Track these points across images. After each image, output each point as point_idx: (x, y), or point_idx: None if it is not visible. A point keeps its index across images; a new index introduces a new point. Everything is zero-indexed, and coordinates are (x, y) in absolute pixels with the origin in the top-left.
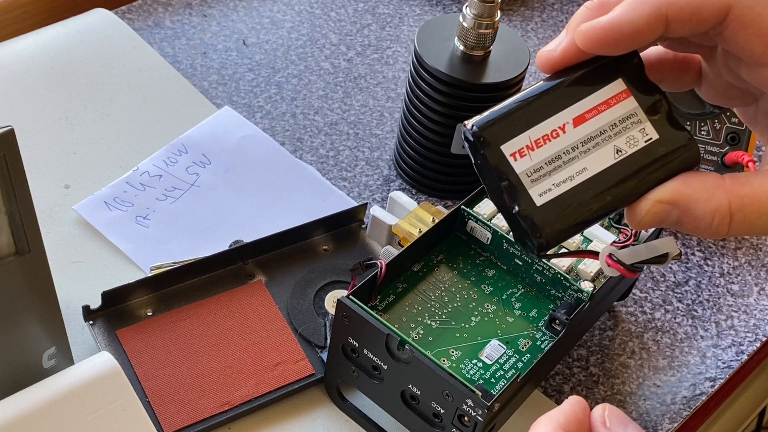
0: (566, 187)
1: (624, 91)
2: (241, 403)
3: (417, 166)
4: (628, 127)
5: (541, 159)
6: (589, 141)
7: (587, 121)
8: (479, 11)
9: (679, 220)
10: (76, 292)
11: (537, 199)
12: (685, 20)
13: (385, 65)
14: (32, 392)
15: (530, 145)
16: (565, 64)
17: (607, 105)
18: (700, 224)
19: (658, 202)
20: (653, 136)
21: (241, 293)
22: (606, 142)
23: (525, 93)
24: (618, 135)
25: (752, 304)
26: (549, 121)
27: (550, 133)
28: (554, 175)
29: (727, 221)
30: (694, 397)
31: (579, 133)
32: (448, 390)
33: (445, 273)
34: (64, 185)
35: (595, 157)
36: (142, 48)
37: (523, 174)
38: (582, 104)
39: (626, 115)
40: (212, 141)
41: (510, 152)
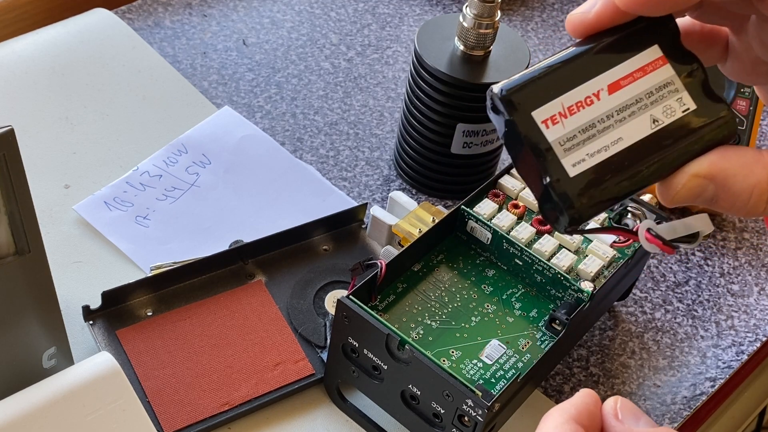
0: (601, 158)
1: (660, 58)
2: (241, 403)
3: (417, 166)
4: (665, 95)
5: (575, 127)
6: (624, 109)
7: (623, 89)
8: (479, 11)
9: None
10: (76, 292)
11: (570, 169)
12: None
13: (385, 65)
14: (32, 392)
15: (563, 112)
16: (599, 28)
17: (643, 72)
18: (737, 201)
19: (694, 176)
20: (691, 107)
21: (241, 293)
22: (642, 111)
23: (556, 57)
24: (655, 104)
25: (752, 304)
26: (582, 87)
27: (584, 99)
28: (588, 144)
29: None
30: (694, 397)
31: (614, 101)
32: (448, 390)
33: (445, 273)
34: (64, 185)
35: (631, 126)
36: (142, 48)
37: (556, 142)
38: (617, 70)
39: (663, 84)
40: (212, 141)
41: (542, 119)
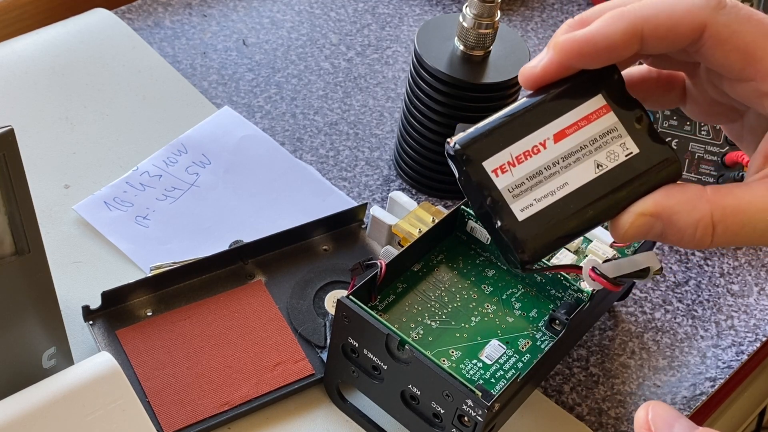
0: (548, 202)
1: (604, 107)
2: (241, 403)
3: (417, 166)
4: (608, 141)
5: (523, 174)
6: (569, 156)
7: (568, 137)
8: (479, 11)
9: (663, 232)
10: (76, 292)
11: (519, 214)
12: (660, 37)
13: (385, 65)
14: (32, 392)
15: (511, 161)
16: (546, 81)
17: (587, 120)
18: (684, 236)
19: (640, 215)
20: (634, 151)
21: (241, 293)
22: (586, 157)
23: (507, 110)
24: (598, 150)
25: (752, 304)
26: (530, 137)
27: (531, 149)
28: (536, 190)
29: (710, 232)
30: (694, 397)
31: (560, 149)
32: (448, 390)
33: (445, 273)
34: (64, 185)
35: (576, 171)
36: (142, 48)
37: (505, 190)
38: (562, 120)
39: (606, 130)
40: (212, 141)
41: (492, 168)
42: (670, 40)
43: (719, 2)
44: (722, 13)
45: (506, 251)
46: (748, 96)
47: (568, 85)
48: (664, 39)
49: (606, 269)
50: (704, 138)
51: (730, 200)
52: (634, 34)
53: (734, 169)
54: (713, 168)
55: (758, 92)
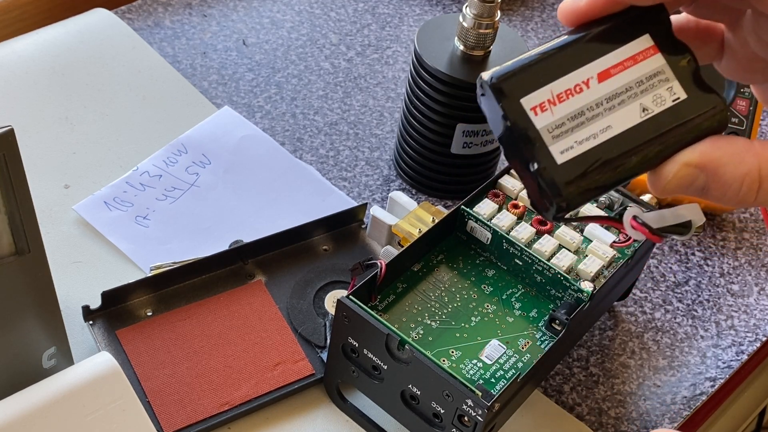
0: (589, 145)
1: (651, 47)
2: (241, 403)
3: (417, 166)
4: (655, 84)
5: (564, 114)
6: (614, 98)
7: (613, 77)
8: (479, 11)
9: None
10: (76, 292)
11: (558, 156)
12: None
13: (385, 65)
14: (32, 392)
15: (552, 100)
16: (590, 16)
17: (633, 61)
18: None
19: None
20: (681, 96)
21: (241, 293)
22: (632, 99)
23: (547, 46)
24: (644, 93)
25: (752, 304)
26: (572, 75)
27: (573, 87)
28: (577, 132)
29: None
30: (694, 397)
31: (604, 89)
32: (448, 390)
33: (445, 273)
34: (64, 185)
35: (621, 114)
36: (142, 48)
37: (544, 129)
38: (607, 59)
39: (653, 73)
40: (212, 141)
41: (530, 106)
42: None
43: None
44: None
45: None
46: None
47: (612, 22)
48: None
49: (649, 219)
50: None
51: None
52: None
53: None
54: None
55: None
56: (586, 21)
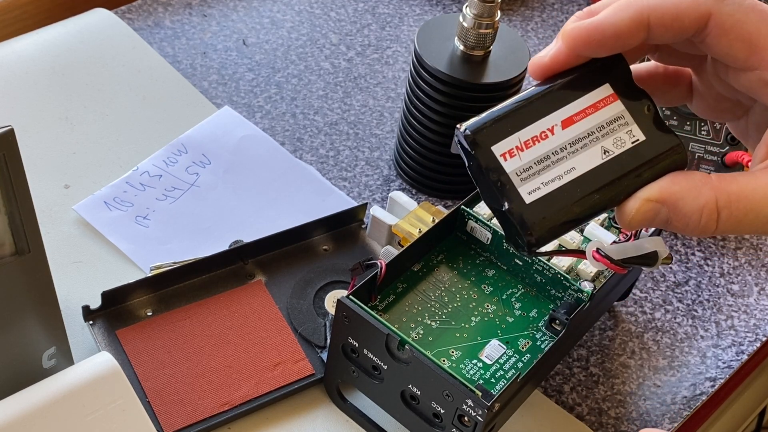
0: (555, 186)
1: (611, 95)
2: (241, 403)
3: (417, 166)
4: (615, 129)
5: (531, 159)
6: (577, 142)
7: (575, 123)
8: (479, 11)
9: (668, 218)
10: (76, 292)
11: (526, 196)
12: (666, 26)
13: (385, 65)
14: (32, 392)
15: (520, 146)
16: (555, 70)
17: (594, 108)
18: (689, 222)
19: (646, 201)
20: (640, 138)
21: (241, 293)
22: (594, 143)
23: (516, 98)
24: (605, 136)
25: (752, 304)
26: (538, 123)
27: (539, 134)
28: (543, 174)
29: (714, 218)
30: (694, 397)
31: (567, 135)
32: (448, 390)
33: (445, 273)
34: (64, 185)
35: (583, 157)
36: (142, 48)
37: (513, 173)
38: (570, 107)
39: (613, 118)
40: (212, 141)
41: (500, 152)
42: (676, 29)
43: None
44: (726, 3)
45: (513, 234)
46: (753, 86)
47: (576, 74)
48: (670, 28)
49: (610, 251)
50: (704, 138)
51: (735, 187)
52: (641, 22)
53: (734, 168)
54: (713, 168)
55: (762, 81)
56: (552, 74)
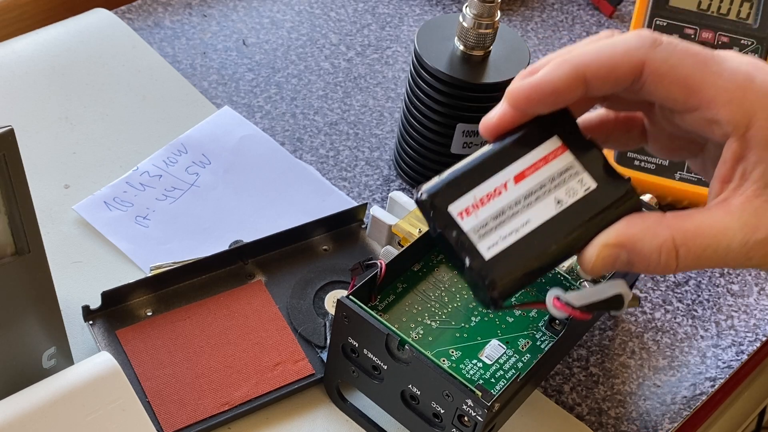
0: (513, 240)
1: (560, 147)
2: (241, 403)
3: (417, 166)
4: (566, 179)
5: (487, 215)
6: (530, 195)
7: (527, 177)
8: (479, 11)
9: (629, 260)
10: (76, 292)
11: (486, 252)
12: (602, 78)
13: (385, 65)
14: (32, 392)
15: (476, 204)
16: (503, 129)
17: (545, 161)
18: (650, 262)
19: (604, 246)
20: (591, 186)
21: (241, 293)
22: (546, 195)
23: (470, 158)
24: (557, 187)
25: (752, 304)
26: (491, 180)
27: (493, 191)
28: (500, 229)
29: (674, 255)
30: (694, 397)
31: (520, 189)
32: (448, 390)
33: (445, 273)
34: (64, 185)
35: (537, 209)
36: (142, 48)
37: (471, 230)
38: (521, 162)
39: (564, 169)
40: (212, 141)
41: (457, 212)
42: (612, 80)
43: (655, 40)
44: (659, 50)
45: (477, 290)
46: (698, 125)
47: (524, 131)
48: (606, 80)
49: (571, 297)
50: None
51: (690, 224)
52: (577, 77)
53: None
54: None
55: (705, 120)
56: (502, 132)
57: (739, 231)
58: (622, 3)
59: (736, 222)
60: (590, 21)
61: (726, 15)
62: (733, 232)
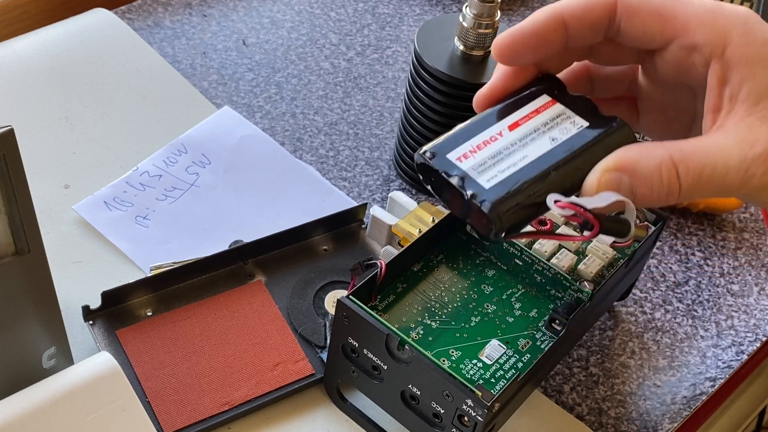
0: (511, 171)
1: (550, 101)
2: (241, 403)
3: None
4: (559, 122)
5: (485, 157)
6: (525, 137)
7: (521, 126)
8: (479, 11)
9: (632, 186)
10: (76, 292)
11: (485, 183)
12: (579, 18)
13: (385, 65)
14: (32, 392)
15: (473, 150)
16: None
17: (537, 112)
18: (653, 183)
19: (605, 171)
20: (584, 124)
21: (241, 293)
22: (541, 135)
23: (464, 123)
24: (551, 129)
25: (752, 304)
26: (487, 131)
27: (489, 138)
28: (498, 165)
29: (674, 173)
30: (694, 397)
31: (515, 135)
32: (448, 390)
33: (445, 273)
34: (64, 185)
35: (533, 146)
36: (142, 48)
37: (470, 169)
38: (515, 116)
39: (556, 115)
40: (212, 141)
41: (456, 157)
42: (589, 21)
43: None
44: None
45: (479, 219)
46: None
47: (514, 97)
48: (583, 20)
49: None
50: None
51: (687, 145)
52: (556, 20)
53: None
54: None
55: (684, 50)
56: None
57: (736, 147)
58: None
59: (732, 139)
60: None
61: None
62: (729, 148)
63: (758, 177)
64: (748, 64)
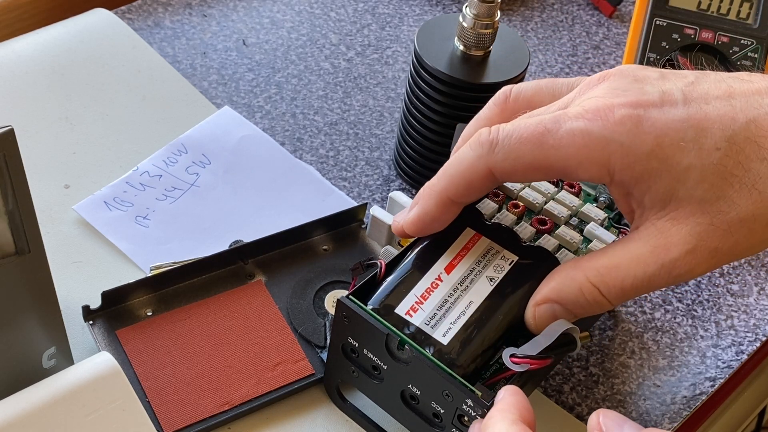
0: (462, 321)
1: (475, 235)
2: (241, 403)
3: (417, 166)
4: (490, 259)
5: (432, 307)
6: (464, 280)
7: (456, 267)
8: (479, 11)
9: (565, 309)
10: (76, 292)
11: (442, 339)
12: (465, 195)
13: (385, 65)
14: (32, 392)
15: (418, 301)
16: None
17: (466, 249)
18: (581, 304)
19: (535, 306)
20: (513, 259)
21: (241, 293)
22: (478, 275)
23: (399, 269)
24: (485, 267)
25: (752, 304)
26: (426, 277)
27: (430, 285)
28: (448, 316)
29: (597, 292)
30: (694, 397)
31: (454, 277)
32: (447, 390)
33: None
34: (64, 185)
35: (475, 290)
36: (142, 48)
37: (422, 324)
38: (447, 256)
39: (485, 251)
40: (212, 141)
41: (404, 311)
42: (475, 192)
43: (491, 142)
44: (497, 151)
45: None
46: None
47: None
48: (469, 194)
49: (526, 349)
50: None
51: (603, 261)
52: (444, 202)
53: None
54: None
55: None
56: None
57: (650, 255)
58: (622, 3)
59: (645, 246)
60: (590, 21)
61: (726, 15)
62: (645, 257)
63: (685, 275)
64: (639, 182)
